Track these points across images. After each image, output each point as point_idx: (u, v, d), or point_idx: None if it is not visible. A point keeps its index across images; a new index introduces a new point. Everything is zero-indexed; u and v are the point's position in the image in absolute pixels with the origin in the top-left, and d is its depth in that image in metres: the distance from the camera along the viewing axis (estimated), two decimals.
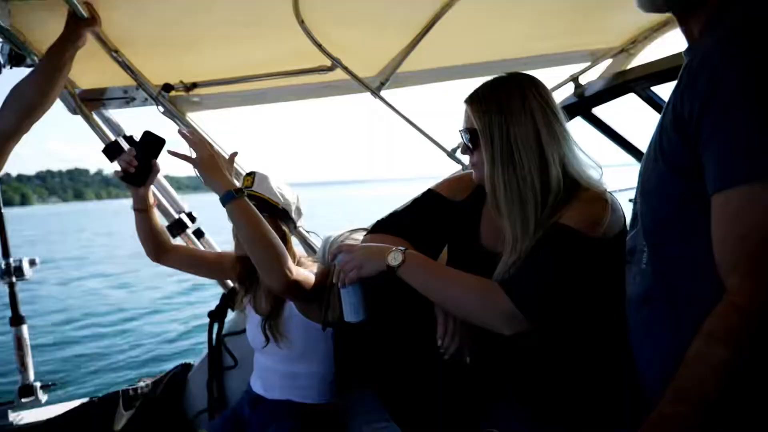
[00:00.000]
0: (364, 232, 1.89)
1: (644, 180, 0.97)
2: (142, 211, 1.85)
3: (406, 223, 1.49)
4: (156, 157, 1.72)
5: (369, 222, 2.27)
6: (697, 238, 0.85)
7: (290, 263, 1.59)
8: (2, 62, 1.96)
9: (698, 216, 0.84)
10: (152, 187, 2.20)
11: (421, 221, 1.50)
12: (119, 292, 12.26)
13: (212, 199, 2.15)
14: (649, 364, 0.98)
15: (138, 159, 1.70)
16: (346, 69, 2.12)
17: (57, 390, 2.62)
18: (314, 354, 1.81)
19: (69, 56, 1.68)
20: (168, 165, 2.30)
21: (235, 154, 1.69)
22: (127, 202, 1.92)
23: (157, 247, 1.92)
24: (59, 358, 6.98)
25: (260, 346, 1.79)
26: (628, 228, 1.10)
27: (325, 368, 1.82)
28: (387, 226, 1.50)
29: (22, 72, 1.96)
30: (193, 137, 1.57)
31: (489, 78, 1.38)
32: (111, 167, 1.86)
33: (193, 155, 1.55)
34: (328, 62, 2.11)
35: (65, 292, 12.30)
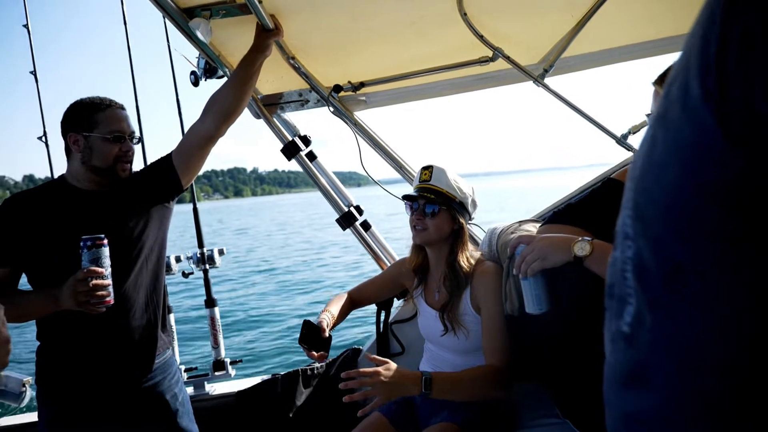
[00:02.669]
0: (533, 223, 1.86)
1: (642, 190, 0.48)
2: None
3: (586, 213, 1.44)
4: (322, 331, 1.83)
5: (531, 213, 2.23)
6: (741, 303, 0.43)
7: (499, 381, 1.67)
8: (199, 75, 2.23)
9: (751, 275, 0.42)
10: (324, 182, 2.37)
11: (601, 210, 1.44)
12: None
13: (357, 194, 2.26)
14: None
15: (318, 347, 1.82)
16: (508, 58, 2.10)
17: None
18: None
19: (259, 65, 1.86)
20: (326, 161, 2.46)
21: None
22: (274, 198, 2.10)
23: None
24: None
25: (438, 335, 1.84)
26: None
27: None
28: (565, 216, 1.46)
29: (212, 83, 2.23)
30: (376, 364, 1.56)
31: (661, 57, 1.27)
32: (265, 166, 2.05)
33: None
34: (489, 53, 2.10)
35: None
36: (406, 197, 1.89)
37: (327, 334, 1.82)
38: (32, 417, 2.48)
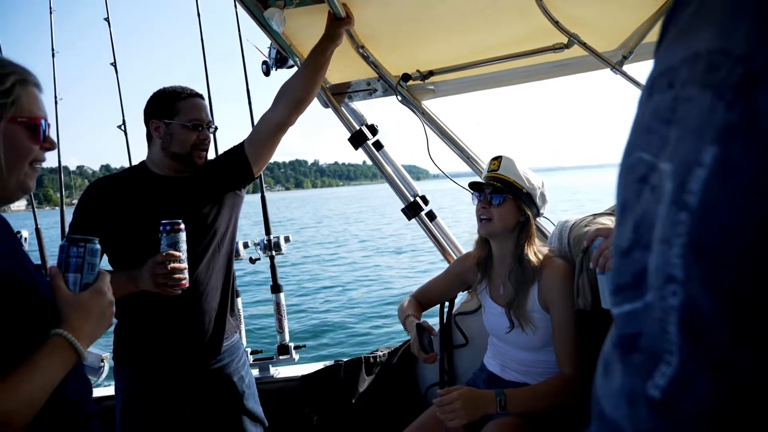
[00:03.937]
0: (608, 216, 1.79)
1: (711, 224, 0.36)
2: None
3: None
4: (431, 331, 1.84)
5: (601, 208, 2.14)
6: None
7: (573, 391, 1.63)
8: (271, 64, 2.27)
9: None
10: (390, 171, 2.37)
11: None
12: None
13: (425, 187, 2.22)
14: None
15: (430, 349, 1.83)
16: (584, 45, 2.01)
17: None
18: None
19: (330, 54, 1.87)
20: (394, 154, 2.45)
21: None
22: (332, 190, 2.10)
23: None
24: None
25: (505, 331, 1.80)
26: None
27: None
28: None
29: (281, 74, 2.26)
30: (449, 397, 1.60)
31: None
32: (326, 158, 2.06)
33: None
34: (564, 39, 2.02)
35: None
36: (472, 185, 1.85)
37: (435, 332, 1.86)
38: (109, 391, 2.62)
